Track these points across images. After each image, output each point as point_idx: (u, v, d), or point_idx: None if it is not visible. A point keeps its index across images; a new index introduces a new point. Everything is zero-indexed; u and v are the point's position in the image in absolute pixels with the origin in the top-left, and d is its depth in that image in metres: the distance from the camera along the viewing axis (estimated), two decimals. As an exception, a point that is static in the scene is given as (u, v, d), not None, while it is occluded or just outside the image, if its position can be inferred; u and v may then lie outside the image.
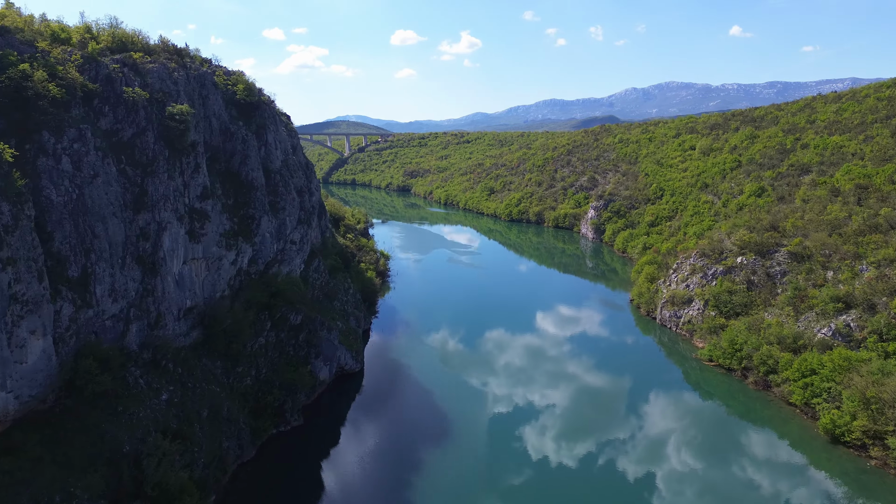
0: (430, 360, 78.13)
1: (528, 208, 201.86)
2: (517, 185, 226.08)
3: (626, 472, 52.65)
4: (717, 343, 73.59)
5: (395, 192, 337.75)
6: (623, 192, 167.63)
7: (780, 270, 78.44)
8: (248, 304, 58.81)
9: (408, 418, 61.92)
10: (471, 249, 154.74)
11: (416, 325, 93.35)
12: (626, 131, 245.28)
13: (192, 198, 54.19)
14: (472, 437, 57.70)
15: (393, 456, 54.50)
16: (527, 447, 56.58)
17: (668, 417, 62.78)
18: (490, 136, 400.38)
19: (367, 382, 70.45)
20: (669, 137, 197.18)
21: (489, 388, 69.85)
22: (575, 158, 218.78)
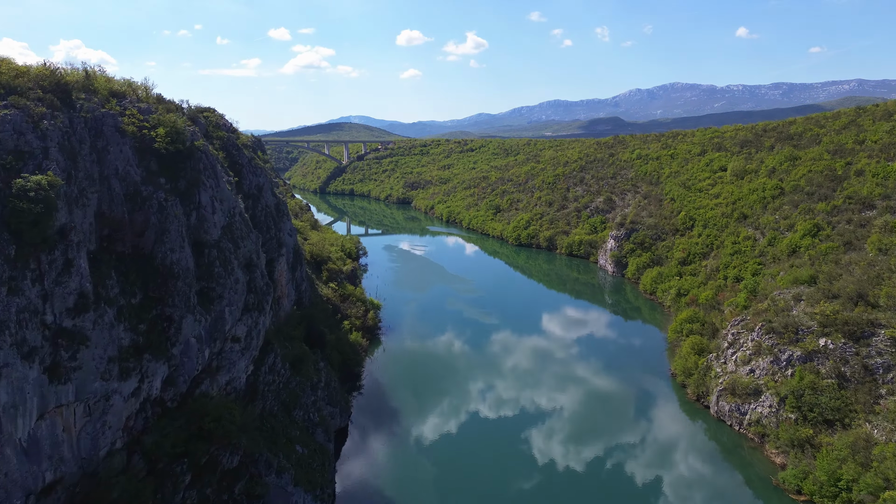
0: (424, 474, 59.86)
1: (538, 232, 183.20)
2: (525, 203, 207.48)
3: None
4: (808, 470, 54.87)
5: (395, 205, 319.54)
6: (646, 219, 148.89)
7: (883, 363, 59.81)
8: (155, 454, 40.48)
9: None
10: (474, 288, 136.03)
11: (406, 407, 74.96)
12: (643, 144, 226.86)
13: (57, 314, 35.91)
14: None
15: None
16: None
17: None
18: (495, 144, 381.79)
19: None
20: (694, 155, 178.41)
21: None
22: (589, 176, 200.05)
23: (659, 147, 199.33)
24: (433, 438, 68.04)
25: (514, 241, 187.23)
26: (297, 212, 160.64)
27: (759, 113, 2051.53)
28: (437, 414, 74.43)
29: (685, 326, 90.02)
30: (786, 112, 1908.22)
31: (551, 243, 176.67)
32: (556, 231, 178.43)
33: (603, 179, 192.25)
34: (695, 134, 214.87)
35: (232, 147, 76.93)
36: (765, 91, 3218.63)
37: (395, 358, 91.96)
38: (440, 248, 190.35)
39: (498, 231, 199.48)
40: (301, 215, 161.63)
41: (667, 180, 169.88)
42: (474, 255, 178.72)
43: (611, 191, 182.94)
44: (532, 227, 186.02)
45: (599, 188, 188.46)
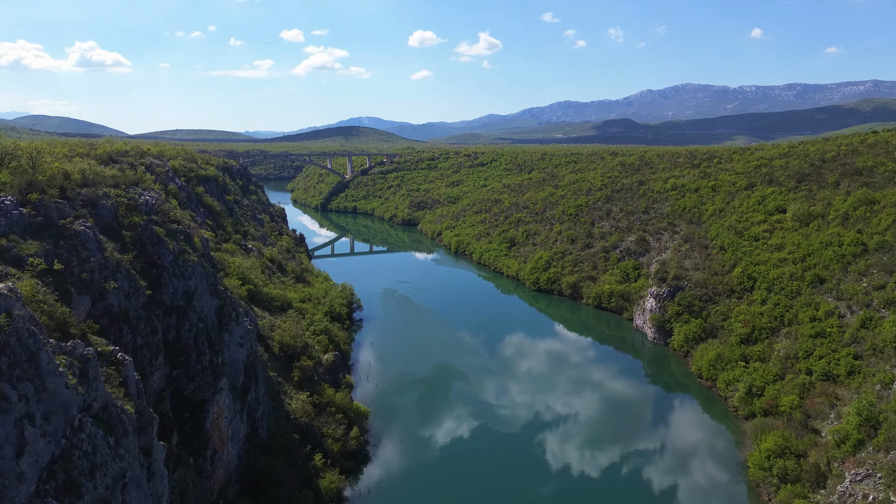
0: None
1: (559, 275, 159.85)
2: (544, 238, 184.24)
3: None
4: None
5: (400, 226, 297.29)
6: (692, 272, 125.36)
7: None
8: None
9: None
10: (488, 363, 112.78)
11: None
12: (673, 167, 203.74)
13: None
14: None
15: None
16: None
17: None
18: (506, 158, 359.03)
19: None
20: (740, 188, 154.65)
21: None
22: (616, 209, 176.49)
23: (696, 175, 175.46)
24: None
25: (531, 285, 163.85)
26: (285, 257, 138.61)
27: (774, 115, 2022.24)
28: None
29: (775, 464, 66.58)
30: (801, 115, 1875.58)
31: (576, 291, 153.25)
32: (582, 276, 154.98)
33: (633, 214, 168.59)
34: (733, 158, 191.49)
35: (150, 240, 54.41)
36: (778, 92, 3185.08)
37: (385, 495, 69.10)
38: (447, 291, 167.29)
39: (513, 270, 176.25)
40: (289, 261, 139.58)
41: (710, 220, 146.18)
42: (486, 305, 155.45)
43: (643, 228, 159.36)
44: (553, 270, 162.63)
45: (630, 224, 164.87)
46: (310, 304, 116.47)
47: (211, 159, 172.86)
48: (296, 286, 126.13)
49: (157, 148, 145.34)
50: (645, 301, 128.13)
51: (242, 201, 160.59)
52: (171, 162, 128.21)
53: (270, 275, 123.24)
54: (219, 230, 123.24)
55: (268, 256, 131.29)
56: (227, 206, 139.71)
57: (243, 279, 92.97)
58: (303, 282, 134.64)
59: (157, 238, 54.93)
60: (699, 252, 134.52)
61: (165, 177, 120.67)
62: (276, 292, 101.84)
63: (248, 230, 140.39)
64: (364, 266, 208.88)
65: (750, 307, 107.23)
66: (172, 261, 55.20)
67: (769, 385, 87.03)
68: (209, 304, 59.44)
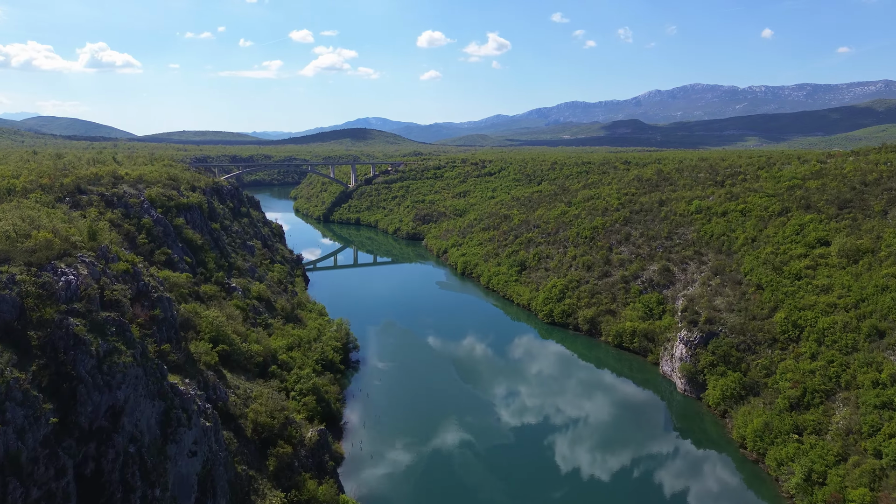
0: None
1: (575, 307, 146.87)
2: (557, 262, 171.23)
3: None
4: None
5: (404, 240, 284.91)
6: (727, 314, 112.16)
7: None
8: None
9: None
10: (499, 427, 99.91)
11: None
12: (695, 182, 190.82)
13: None
14: None
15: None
16: None
17: None
18: (515, 168, 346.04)
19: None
20: (773, 213, 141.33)
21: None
22: (636, 232, 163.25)
23: (722, 196, 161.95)
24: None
25: (544, 318, 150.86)
26: (275, 291, 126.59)
27: (786, 115, 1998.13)
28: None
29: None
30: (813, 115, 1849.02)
31: (593, 326, 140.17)
32: (600, 310, 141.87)
33: (655, 239, 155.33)
34: (759, 176, 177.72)
35: (64, 343, 41.99)
36: (788, 92, 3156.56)
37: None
38: (453, 323, 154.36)
39: (524, 299, 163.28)
40: (280, 295, 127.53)
41: (742, 250, 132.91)
42: (496, 342, 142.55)
43: (667, 256, 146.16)
44: (568, 301, 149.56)
45: (651, 251, 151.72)
46: (298, 353, 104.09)
47: (200, 179, 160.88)
48: (284, 328, 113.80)
49: (138, 171, 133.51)
50: (673, 346, 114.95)
51: (232, 227, 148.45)
52: (147, 191, 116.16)
53: (256, 317, 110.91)
54: (199, 268, 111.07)
55: (254, 294, 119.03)
56: (211, 237, 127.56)
57: (216, 338, 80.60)
58: (294, 321, 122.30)
59: (74, 339, 42.45)
60: (732, 288, 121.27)
61: (140, 209, 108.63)
62: (256, 347, 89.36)
63: (236, 262, 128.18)
64: (365, 285, 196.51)
65: (798, 362, 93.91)
66: (94, 367, 42.73)
67: (831, 469, 73.84)
68: (148, 412, 46.97)
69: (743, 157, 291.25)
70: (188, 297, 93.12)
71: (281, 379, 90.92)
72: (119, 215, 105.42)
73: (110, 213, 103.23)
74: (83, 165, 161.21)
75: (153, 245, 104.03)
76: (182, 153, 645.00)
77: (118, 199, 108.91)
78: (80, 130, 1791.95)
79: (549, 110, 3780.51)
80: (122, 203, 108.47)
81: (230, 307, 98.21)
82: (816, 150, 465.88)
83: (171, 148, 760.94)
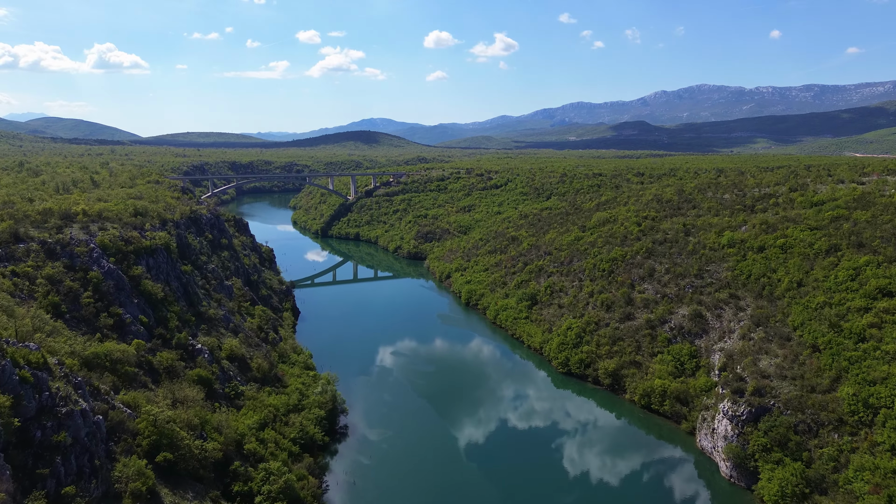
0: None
1: (594, 356, 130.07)
2: (572, 298, 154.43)
3: None
4: None
5: (405, 259, 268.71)
6: (778, 382, 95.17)
7: None
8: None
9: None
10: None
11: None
12: (721, 206, 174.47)
13: None
14: None
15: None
16: None
17: None
18: (522, 180, 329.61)
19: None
20: (819, 251, 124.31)
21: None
22: (661, 267, 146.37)
23: (757, 227, 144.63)
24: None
25: (559, 367, 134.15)
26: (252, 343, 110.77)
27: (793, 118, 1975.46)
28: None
29: None
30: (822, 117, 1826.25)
31: (616, 380, 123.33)
32: (623, 361, 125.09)
33: (683, 277, 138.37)
34: (794, 200, 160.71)
35: None
36: (795, 93, 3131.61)
37: None
38: (455, 371, 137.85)
39: (536, 341, 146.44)
40: (258, 349, 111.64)
41: (788, 296, 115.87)
42: (504, 397, 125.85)
43: (698, 298, 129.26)
44: (586, 348, 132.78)
45: (679, 291, 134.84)
46: (272, 433, 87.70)
47: (176, 208, 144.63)
48: (258, 396, 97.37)
49: (98, 206, 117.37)
50: (714, 418, 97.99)
51: (208, 265, 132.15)
52: (101, 235, 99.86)
53: (224, 385, 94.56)
54: (158, 327, 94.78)
55: (226, 353, 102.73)
56: (180, 283, 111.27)
57: (158, 442, 64.20)
58: (272, 382, 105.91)
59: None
60: (779, 345, 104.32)
61: (88, 259, 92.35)
62: (213, 445, 72.71)
63: (207, 311, 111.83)
64: (361, 315, 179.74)
65: (875, 457, 77.00)
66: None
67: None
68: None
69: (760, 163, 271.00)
70: (134, 379, 76.84)
71: (245, 479, 74.51)
72: (61, 269, 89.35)
73: (49, 268, 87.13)
74: (46, 194, 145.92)
75: (100, 304, 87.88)
76: (180, 159, 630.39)
77: (62, 248, 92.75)
78: (85, 132, 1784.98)
79: (555, 111, 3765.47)
80: (66, 253, 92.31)
81: (186, 386, 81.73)
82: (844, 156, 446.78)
83: (170, 153, 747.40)
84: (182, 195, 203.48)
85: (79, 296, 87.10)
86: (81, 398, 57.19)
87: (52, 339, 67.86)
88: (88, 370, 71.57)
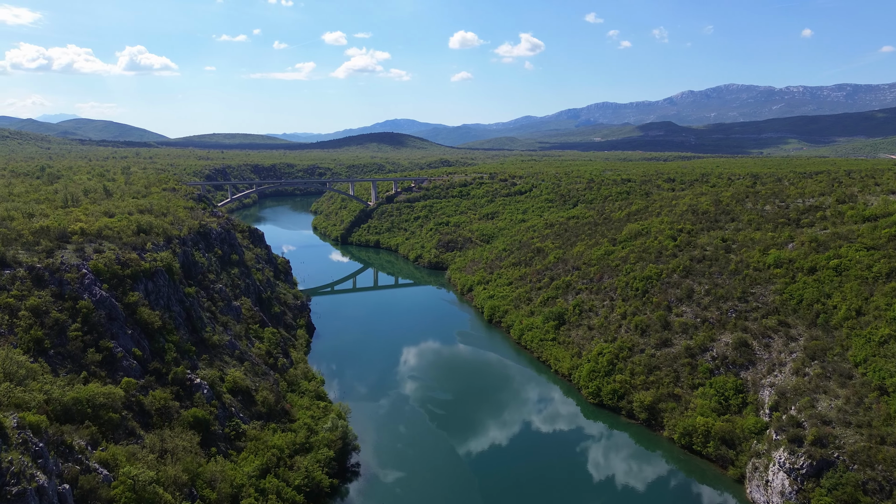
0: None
1: (628, 386, 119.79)
2: (603, 319, 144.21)
3: None
4: None
5: (426, 269, 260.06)
6: (842, 430, 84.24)
7: None
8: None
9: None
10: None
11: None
12: (762, 219, 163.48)
13: None
14: None
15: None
16: None
17: None
18: (547, 186, 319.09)
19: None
20: (879, 274, 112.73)
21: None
22: (700, 287, 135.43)
23: (807, 246, 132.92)
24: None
25: (590, 397, 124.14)
26: (259, 372, 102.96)
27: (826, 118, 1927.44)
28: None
29: None
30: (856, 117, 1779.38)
31: (653, 415, 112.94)
32: (661, 393, 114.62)
33: (725, 300, 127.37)
34: (843, 214, 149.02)
35: None
36: (827, 93, 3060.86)
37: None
38: (477, 400, 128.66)
39: (565, 367, 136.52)
40: (264, 379, 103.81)
41: (846, 326, 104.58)
42: (529, 435, 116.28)
43: (742, 325, 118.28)
44: (619, 376, 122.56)
45: (722, 316, 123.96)
46: (273, 481, 79.42)
47: (184, 223, 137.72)
48: (261, 436, 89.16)
49: (99, 223, 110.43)
50: (768, 469, 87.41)
51: (215, 284, 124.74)
52: (95, 259, 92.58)
53: (224, 425, 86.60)
54: (153, 360, 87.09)
55: (228, 385, 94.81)
56: (182, 307, 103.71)
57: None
58: (278, 417, 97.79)
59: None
60: (839, 383, 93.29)
61: (78, 286, 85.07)
62: (214, 492, 64.55)
63: (211, 338, 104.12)
64: (377, 331, 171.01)
65: (966, 530, 66.10)
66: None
67: None
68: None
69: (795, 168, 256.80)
70: (119, 426, 69.05)
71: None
72: (48, 298, 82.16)
73: (34, 298, 79.90)
74: (51, 207, 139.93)
75: (89, 337, 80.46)
76: (203, 162, 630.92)
77: (51, 275, 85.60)
78: (114, 133, 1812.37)
79: (579, 111, 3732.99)
80: (55, 280, 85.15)
81: (180, 431, 73.79)
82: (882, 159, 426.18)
83: (193, 156, 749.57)
84: (196, 204, 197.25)
85: (66, 328, 79.79)
86: (42, 469, 49.27)
87: (23, 389, 60.17)
88: (66, 420, 64.05)
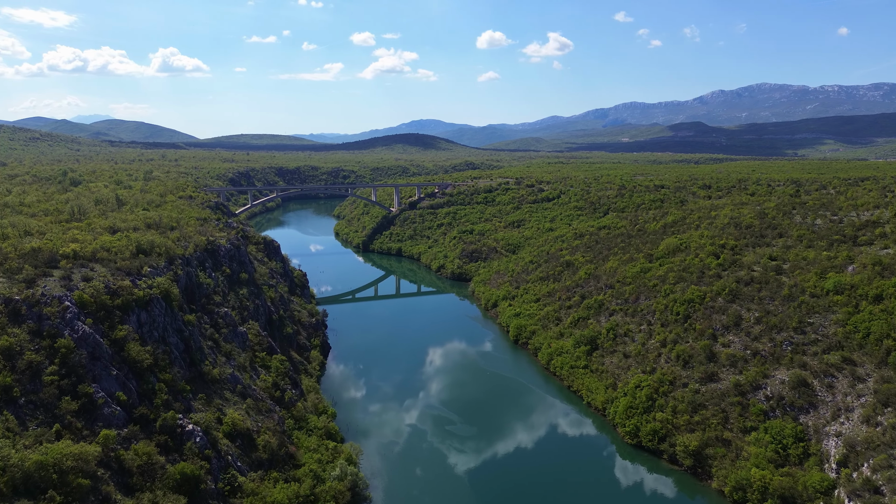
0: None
1: (670, 426, 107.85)
2: (640, 345, 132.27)
3: None
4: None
5: (449, 280, 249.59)
6: (931, 501, 71.85)
7: None
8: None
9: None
10: None
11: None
12: (813, 233, 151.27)
13: None
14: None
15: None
16: None
17: None
18: (576, 193, 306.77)
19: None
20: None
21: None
22: (748, 314, 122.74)
23: (870, 270, 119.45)
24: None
25: (627, 437, 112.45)
26: (262, 409, 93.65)
27: (862, 118, 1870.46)
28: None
29: None
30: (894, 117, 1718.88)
31: (699, 461, 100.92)
32: (708, 436, 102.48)
33: (779, 330, 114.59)
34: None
35: None
36: (863, 92, 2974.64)
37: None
38: (500, 441, 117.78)
39: (598, 399, 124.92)
40: (268, 417, 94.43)
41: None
42: (559, 478, 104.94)
43: (800, 360, 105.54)
44: (659, 414, 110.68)
45: (776, 348, 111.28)
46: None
47: (190, 238, 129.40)
48: (260, 488, 79.67)
49: (94, 244, 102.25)
50: (841, 542, 75.33)
51: (221, 308, 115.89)
52: (81, 289, 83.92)
53: (217, 479, 77.16)
54: (141, 404, 78.06)
55: (226, 428, 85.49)
56: (181, 338, 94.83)
57: None
58: (280, 463, 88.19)
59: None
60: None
61: (59, 322, 76.38)
62: None
63: (211, 371, 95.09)
64: (394, 354, 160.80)
65: None
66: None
67: None
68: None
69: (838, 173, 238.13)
70: (90, 493, 59.93)
71: None
72: (25, 336, 73.65)
73: (6, 338, 71.30)
74: (54, 220, 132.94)
75: (67, 382, 71.66)
76: (227, 165, 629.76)
77: (29, 308, 77.07)
78: (145, 134, 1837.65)
79: (607, 111, 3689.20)
80: (33, 314, 76.61)
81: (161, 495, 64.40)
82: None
83: (219, 158, 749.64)
84: (211, 214, 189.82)
85: (41, 371, 71.09)
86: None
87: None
88: (26, 490, 55.10)
